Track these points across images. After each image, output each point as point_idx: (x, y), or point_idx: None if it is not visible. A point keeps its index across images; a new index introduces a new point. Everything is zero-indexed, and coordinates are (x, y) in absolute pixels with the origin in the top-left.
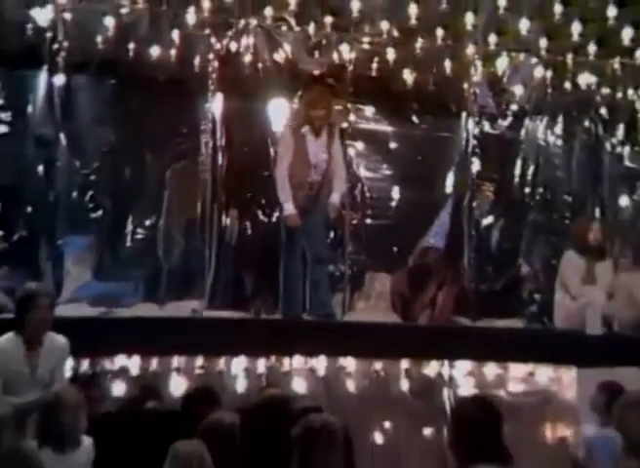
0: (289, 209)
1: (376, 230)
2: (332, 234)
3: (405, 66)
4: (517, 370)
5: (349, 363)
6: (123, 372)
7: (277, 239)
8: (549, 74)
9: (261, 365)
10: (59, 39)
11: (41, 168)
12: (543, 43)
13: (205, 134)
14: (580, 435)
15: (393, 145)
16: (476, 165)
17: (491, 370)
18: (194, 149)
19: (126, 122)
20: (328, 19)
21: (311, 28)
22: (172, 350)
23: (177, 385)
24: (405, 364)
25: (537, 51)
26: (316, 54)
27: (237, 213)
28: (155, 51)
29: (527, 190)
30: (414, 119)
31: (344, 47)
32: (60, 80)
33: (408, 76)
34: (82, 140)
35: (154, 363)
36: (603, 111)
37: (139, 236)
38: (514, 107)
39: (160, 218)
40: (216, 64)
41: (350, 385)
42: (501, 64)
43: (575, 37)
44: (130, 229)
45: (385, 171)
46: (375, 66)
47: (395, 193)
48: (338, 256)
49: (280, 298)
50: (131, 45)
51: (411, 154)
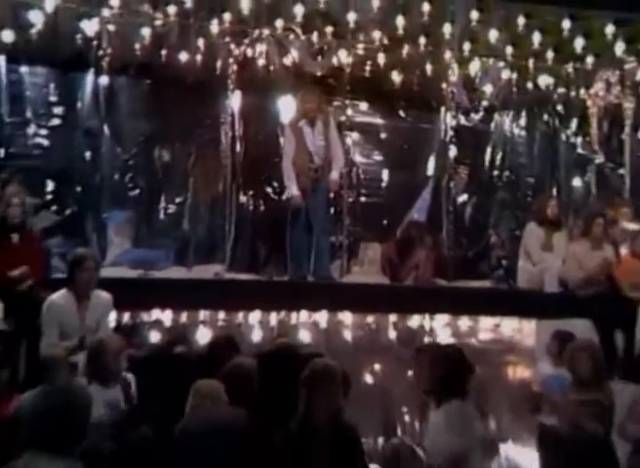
0: (293, 191)
1: (368, 207)
2: (332, 210)
3: (393, 69)
4: (486, 322)
5: (346, 317)
6: (157, 324)
7: (286, 214)
8: (514, 76)
9: (273, 318)
10: (103, 46)
11: (88, 154)
12: (509, 50)
13: (225, 125)
14: (537, 374)
15: (383, 135)
16: (453, 151)
17: (464, 323)
18: (216, 139)
19: (159, 116)
20: (328, 29)
21: (314, 37)
22: (198, 306)
23: (202, 335)
24: (393, 317)
25: (503, 56)
26: (319, 58)
27: (252, 192)
28: (183, 56)
29: (495, 173)
30: (401, 113)
31: (342, 52)
32: (104, 81)
33: (396, 77)
34: (122, 131)
35: (183, 316)
36: (559, 107)
37: (170, 211)
38: (485, 103)
39: (188, 196)
40: (234, 67)
41: (347, 335)
42: (474, 67)
43: (535, 45)
44: (162, 205)
45: (377, 157)
46: (368, 69)
47: (385, 175)
48: (337, 229)
49: (288, 264)
50: (163, 51)
51: (398, 143)
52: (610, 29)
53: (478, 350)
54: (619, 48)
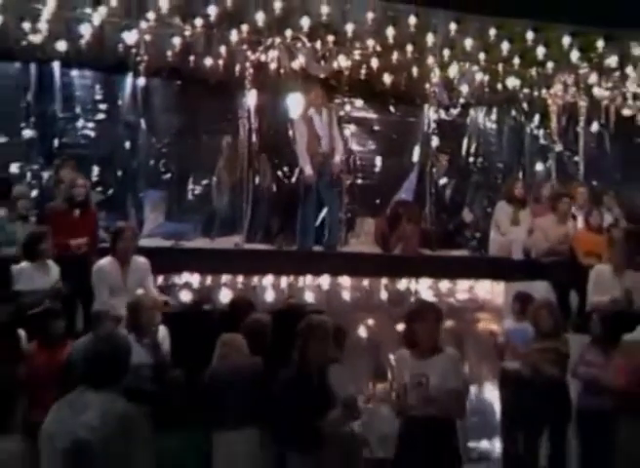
0: (308, 170)
1: (364, 188)
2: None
3: (385, 71)
4: (463, 285)
5: (345, 280)
6: (187, 285)
7: (295, 194)
8: (486, 78)
9: (283, 282)
10: (140, 53)
11: (127, 143)
12: (482, 56)
13: (242, 120)
14: (502, 328)
15: (376, 127)
16: (435, 141)
17: (444, 285)
18: (235, 131)
19: (187, 111)
20: (330, 38)
21: (318, 44)
22: (220, 271)
23: (224, 295)
24: (384, 281)
25: (477, 61)
26: (322, 62)
27: (266, 176)
28: (208, 61)
29: (471, 160)
30: (391, 109)
31: (342, 57)
32: (141, 82)
33: (387, 78)
34: (156, 124)
35: (208, 279)
36: (524, 105)
37: (197, 192)
38: (462, 101)
39: (212, 180)
40: (250, 70)
41: (345, 296)
42: (453, 71)
43: (504, 52)
44: (190, 187)
45: (371, 146)
46: (363, 71)
47: (378, 161)
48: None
49: (297, 235)
50: (191, 57)
51: (389, 134)
52: (566, 40)
53: (456, 308)
54: (574, 55)
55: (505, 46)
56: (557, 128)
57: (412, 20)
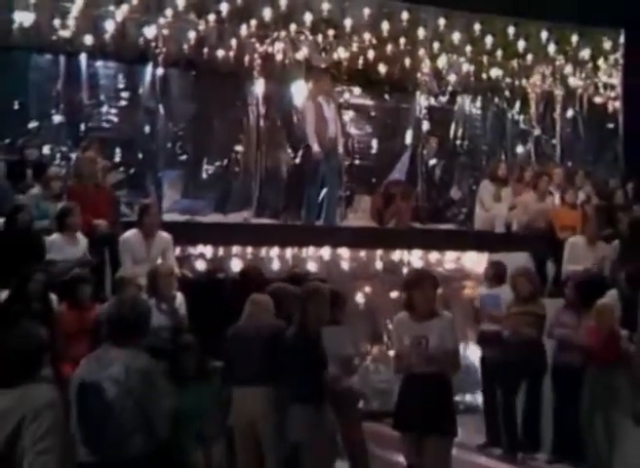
0: (316, 148)
1: (361, 168)
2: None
3: (380, 62)
4: (450, 256)
5: (344, 251)
6: (202, 256)
7: (299, 172)
8: (472, 69)
9: (288, 253)
10: (159, 46)
11: (147, 128)
12: (468, 48)
13: (251, 106)
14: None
15: (373, 113)
16: (425, 126)
17: (433, 256)
18: (245, 116)
19: (201, 99)
20: (330, 32)
21: (320, 37)
22: (232, 242)
23: (235, 265)
24: (379, 252)
25: (464, 53)
26: (323, 54)
27: (273, 156)
28: (220, 53)
29: (458, 142)
30: (386, 96)
31: (341, 49)
32: (160, 72)
33: (382, 68)
34: (173, 111)
35: (221, 250)
36: (506, 93)
37: (210, 171)
38: (450, 89)
39: (224, 160)
40: (258, 61)
41: (344, 265)
42: (442, 62)
43: (488, 46)
44: (205, 167)
45: (367, 130)
46: (361, 62)
47: (374, 144)
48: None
49: (302, 211)
50: (205, 49)
51: (384, 119)
52: (544, 34)
53: (444, 277)
54: (551, 49)
55: (489, 40)
56: (536, 114)
57: (404, 16)
